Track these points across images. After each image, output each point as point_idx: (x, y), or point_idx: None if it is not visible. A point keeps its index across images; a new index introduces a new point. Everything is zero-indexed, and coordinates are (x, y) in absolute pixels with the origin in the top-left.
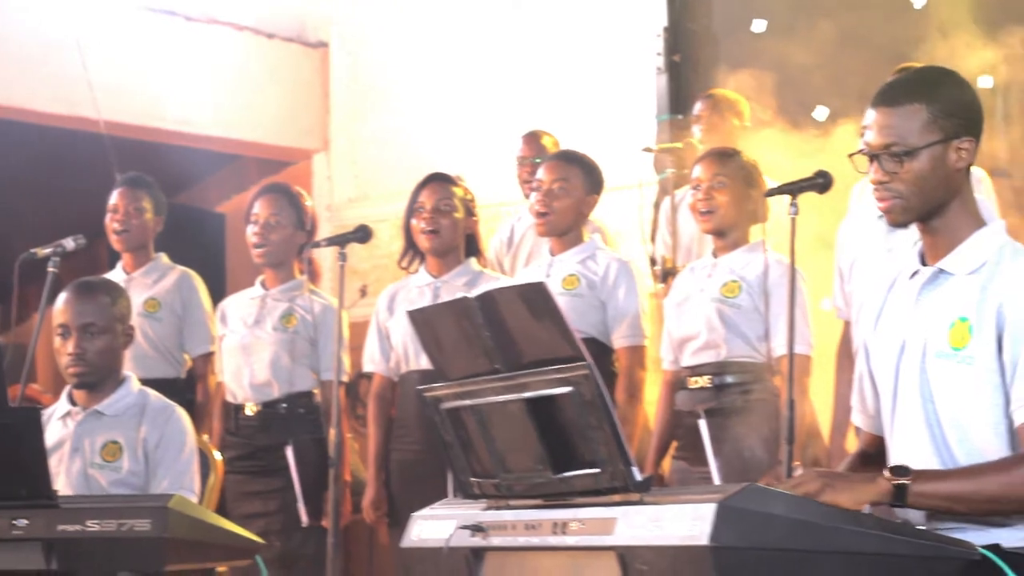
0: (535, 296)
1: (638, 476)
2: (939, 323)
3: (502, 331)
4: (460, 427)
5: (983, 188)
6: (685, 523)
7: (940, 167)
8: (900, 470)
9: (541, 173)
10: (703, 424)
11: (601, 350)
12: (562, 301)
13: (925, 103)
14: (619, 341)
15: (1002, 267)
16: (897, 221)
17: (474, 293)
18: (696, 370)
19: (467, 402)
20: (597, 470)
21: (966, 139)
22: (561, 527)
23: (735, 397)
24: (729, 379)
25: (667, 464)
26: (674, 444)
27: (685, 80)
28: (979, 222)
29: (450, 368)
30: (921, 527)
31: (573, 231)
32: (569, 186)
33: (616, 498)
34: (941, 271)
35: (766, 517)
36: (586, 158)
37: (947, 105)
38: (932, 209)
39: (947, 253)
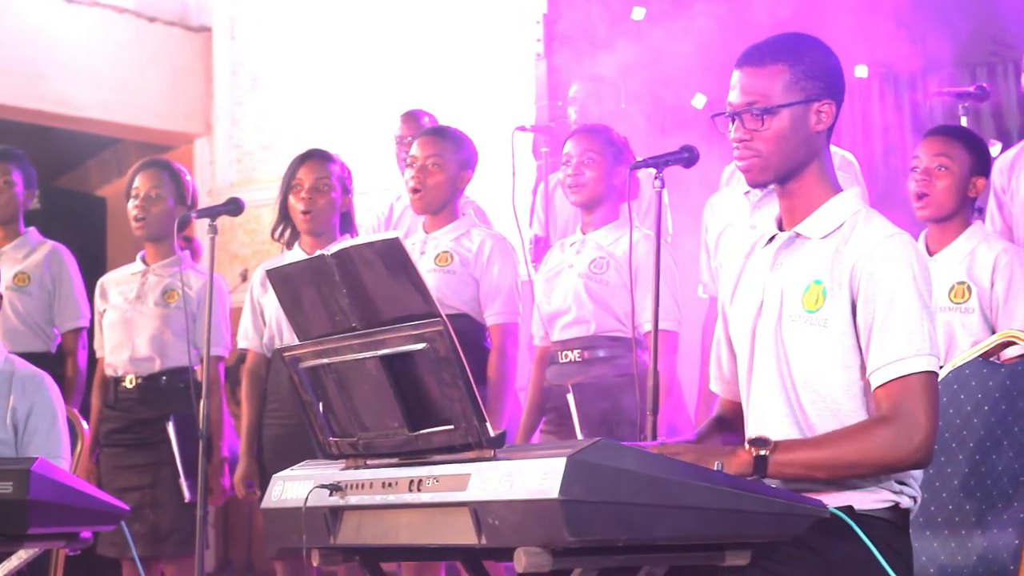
0: (390, 252)
1: (491, 432)
2: (794, 286)
3: (358, 288)
4: (319, 386)
5: (854, 170)
6: (536, 478)
7: (800, 128)
8: (760, 442)
9: (415, 149)
10: (571, 398)
11: (475, 327)
12: (435, 277)
13: (788, 64)
14: (491, 318)
15: (856, 231)
16: (756, 180)
17: (330, 250)
18: (566, 345)
19: (325, 360)
20: (452, 427)
21: (827, 102)
22: (417, 484)
23: (604, 371)
24: (600, 353)
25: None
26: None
27: (564, 66)
28: (835, 188)
29: (309, 327)
30: (773, 484)
31: (447, 207)
32: (443, 162)
33: (471, 454)
34: (797, 235)
35: (616, 472)
36: (460, 133)
37: (809, 67)
38: (791, 170)
39: (803, 218)
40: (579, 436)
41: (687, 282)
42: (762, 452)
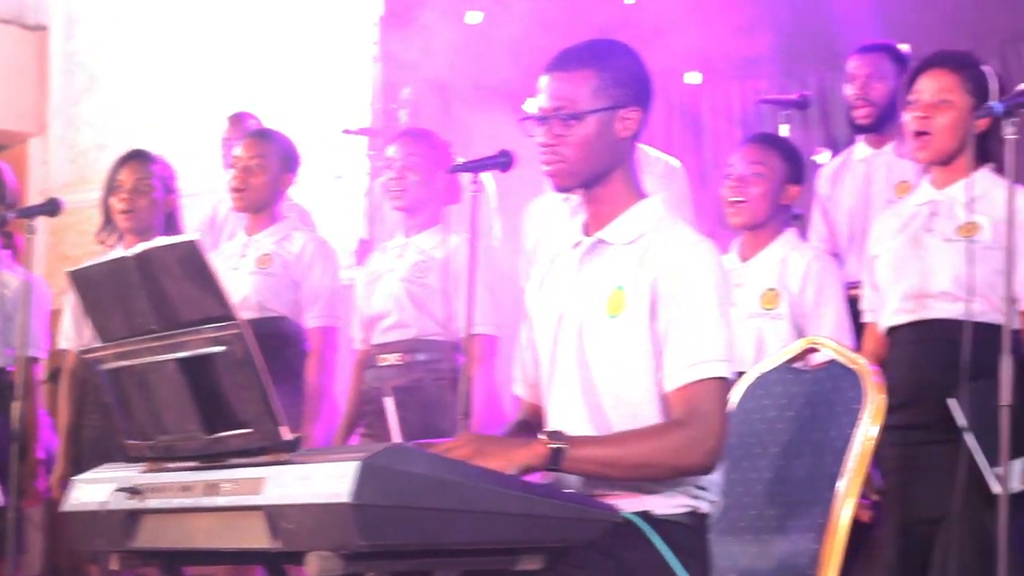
0: (188, 255)
1: (286, 436)
2: (597, 292)
3: (158, 290)
4: (120, 389)
5: (680, 177)
6: (329, 481)
7: (606, 134)
8: (556, 435)
9: (238, 150)
10: (389, 401)
11: (295, 329)
12: (256, 280)
13: (596, 70)
14: (311, 321)
15: (659, 238)
16: (562, 185)
17: (131, 252)
18: (386, 348)
19: (125, 363)
20: (249, 430)
21: (633, 109)
22: (214, 488)
23: (423, 375)
24: (420, 357)
25: None
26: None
27: (399, 69)
28: (640, 194)
29: (110, 329)
30: (569, 490)
31: (268, 209)
32: (265, 163)
33: (267, 458)
34: (601, 241)
35: (409, 476)
36: (282, 136)
37: (617, 74)
38: (596, 176)
39: (608, 223)
40: (397, 439)
41: (516, 286)
42: (559, 445)
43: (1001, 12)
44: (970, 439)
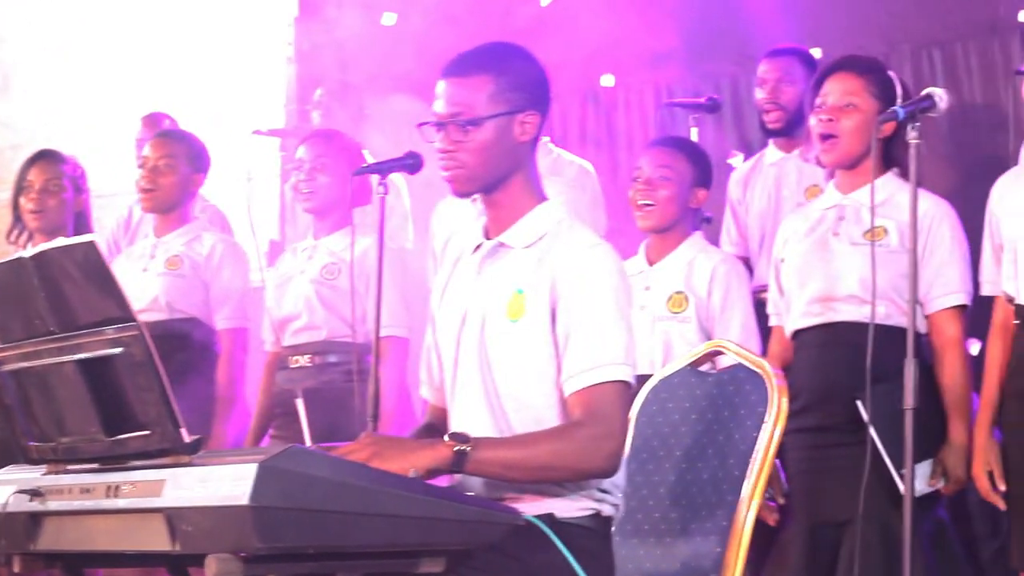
0: (86, 255)
1: (186, 438)
2: (497, 295)
3: (56, 292)
4: (21, 391)
5: (592, 180)
6: (228, 483)
7: (505, 139)
8: (460, 437)
9: (147, 150)
10: (300, 403)
11: (205, 331)
12: (165, 281)
13: (493, 75)
14: (221, 323)
15: (558, 241)
16: (461, 191)
17: (29, 253)
18: (296, 350)
19: (24, 364)
20: (148, 432)
21: (531, 113)
22: (114, 490)
23: (333, 377)
24: (331, 358)
25: None
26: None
27: (314, 70)
28: (540, 197)
29: (10, 330)
30: (470, 493)
31: (178, 210)
32: (174, 163)
33: (167, 460)
34: (501, 244)
35: (308, 479)
36: (192, 137)
37: (515, 78)
38: (496, 180)
39: (508, 227)
40: (308, 441)
41: (426, 288)
42: (463, 447)
43: (915, 17)
44: (877, 440)
